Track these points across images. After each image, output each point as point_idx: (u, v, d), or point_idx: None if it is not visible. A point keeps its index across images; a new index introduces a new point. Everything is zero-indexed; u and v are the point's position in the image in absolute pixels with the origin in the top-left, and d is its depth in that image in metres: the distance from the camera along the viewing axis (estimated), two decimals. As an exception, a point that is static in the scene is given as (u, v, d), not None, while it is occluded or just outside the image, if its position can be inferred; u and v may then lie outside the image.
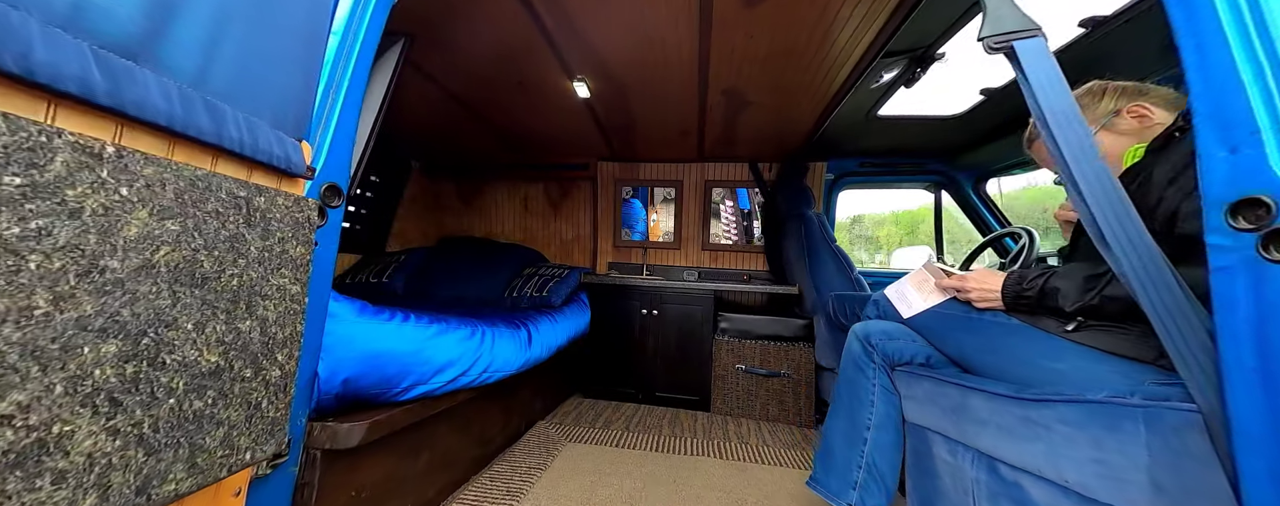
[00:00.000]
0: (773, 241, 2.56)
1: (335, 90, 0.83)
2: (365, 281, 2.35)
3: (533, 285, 2.33)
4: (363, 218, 2.64)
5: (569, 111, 2.19)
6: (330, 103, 0.83)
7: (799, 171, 2.44)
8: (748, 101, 1.96)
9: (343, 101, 0.84)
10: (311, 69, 0.74)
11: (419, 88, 1.97)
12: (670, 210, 2.96)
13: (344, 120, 0.84)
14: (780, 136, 2.34)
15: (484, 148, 2.81)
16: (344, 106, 0.84)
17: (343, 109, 0.84)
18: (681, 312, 2.29)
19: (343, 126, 0.83)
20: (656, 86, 1.90)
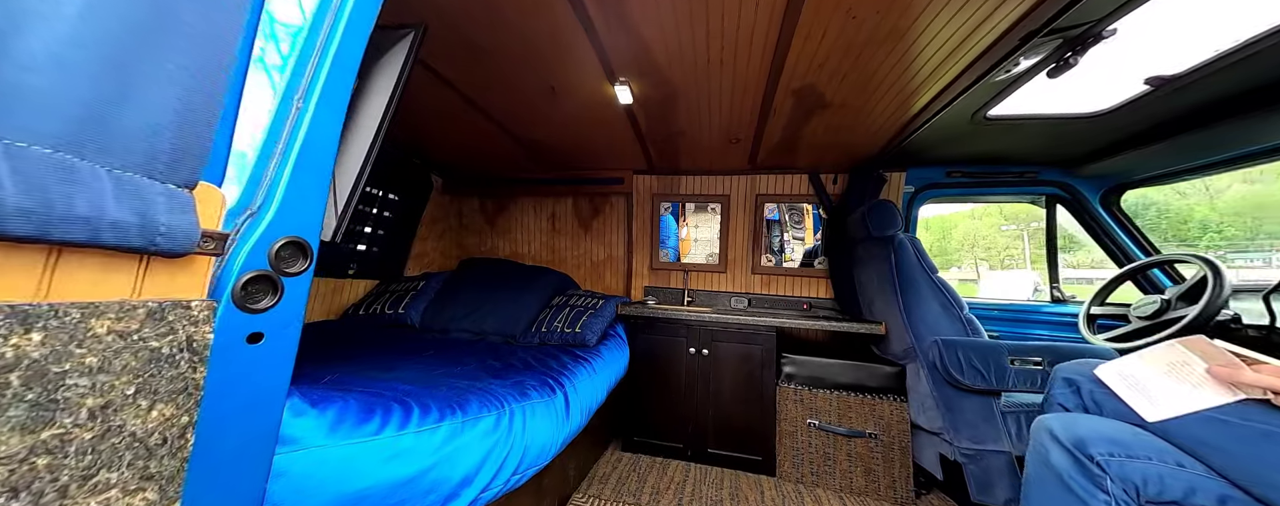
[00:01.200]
0: (840, 266, 2.18)
1: (300, 99, 0.54)
2: (379, 312, 2.12)
3: (564, 318, 2.03)
4: (380, 239, 2.43)
5: (605, 120, 1.91)
6: (292, 118, 0.54)
7: (874, 183, 2.06)
8: (824, 103, 1.62)
9: (311, 115, 0.56)
10: (212, 58, 0.44)
11: (436, 94, 1.72)
12: (710, 224, 2.62)
13: (315, 141, 0.55)
14: (851, 143, 1.98)
15: (509, 161, 2.56)
16: (315, 122, 0.56)
17: (312, 126, 0.56)
18: (737, 353, 1.94)
19: (313, 150, 0.55)
20: (713, 88, 1.59)
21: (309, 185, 0.55)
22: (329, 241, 0.72)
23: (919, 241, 1.68)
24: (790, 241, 2.53)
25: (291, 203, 0.52)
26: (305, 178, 0.54)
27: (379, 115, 0.83)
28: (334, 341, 1.66)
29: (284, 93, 0.52)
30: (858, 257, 2.01)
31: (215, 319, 0.44)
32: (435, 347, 1.70)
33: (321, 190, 0.57)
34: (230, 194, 0.48)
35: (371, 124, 0.82)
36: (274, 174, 0.51)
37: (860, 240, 1.99)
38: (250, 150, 0.50)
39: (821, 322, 1.84)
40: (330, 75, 0.56)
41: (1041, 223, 2.12)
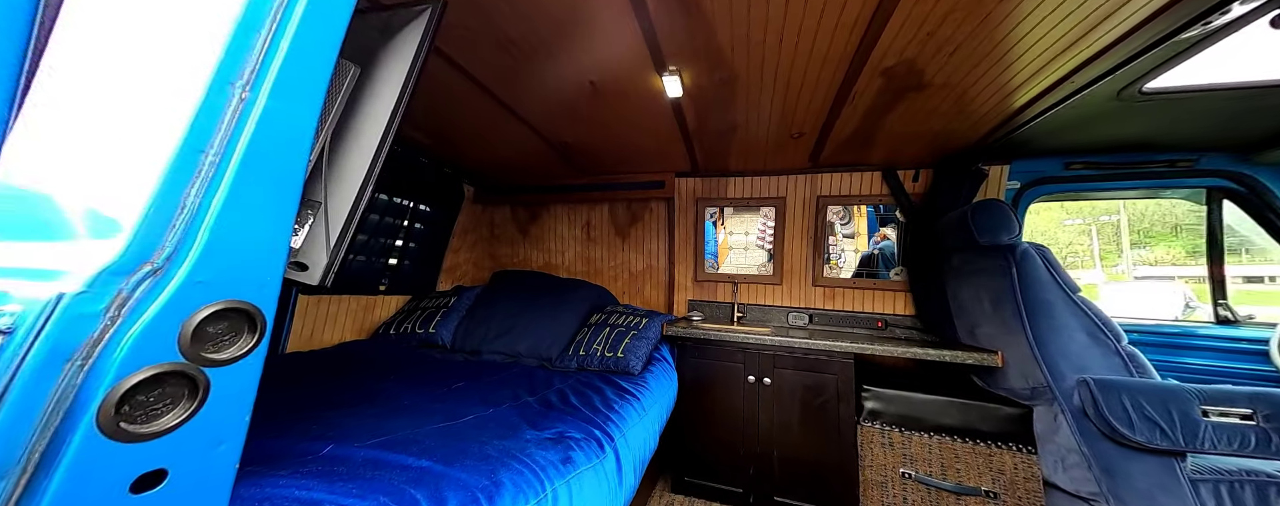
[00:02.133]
0: (925, 278, 1.85)
1: (244, 85, 0.34)
2: (410, 331, 2.00)
3: (604, 340, 1.82)
4: (411, 252, 2.32)
5: (648, 117, 1.68)
6: (230, 114, 0.34)
7: (971, 180, 1.72)
8: (921, 83, 1.32)
9: (263, 109, 0.35)
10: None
11: (463, 94, 1.56)
12: (748, 225, 2.34)
13: (271, 149, 0.35)
14: (944, 132, 1.65)
15: (541, 166, 2.40)
16: (271, 120, 0.36)
17: (266, 126, 0.36)
18: (806, 383, 1.65)
19: (267, 162, 0.35)
20: (782, 73, 1.33)
21: (261, 215, 0.35)
22: (320, 284, 0.54)
23: (1049, 252, 1.34)
24: (840, 246, 2.21)
25: (227, 246, 0.33)
26: (253, 205, 0.34)
27: (387, 113, 0.64)
28: (356, 369, 1.53)
29: (216, 74, 0.33)
30: (953, 269, 1.67)
31: (59, 458, 0.24)
32: (466, 376, 1.53)
33: (282, 221, 0.37)
34: (104, 247, 0.28)
35: (378, 125, 0.63)
36: (196, 203, 0.31)
37: (956, 249, 1.65)
38: (151, 167, 0.30)
39: (913, 349, 1.52)
40: (296, 49, 0.37)
41: (1114, 215, 1.70)
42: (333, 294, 1.90)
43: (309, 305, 1.80)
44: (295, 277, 0.53)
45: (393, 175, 2.04)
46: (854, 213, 2.17)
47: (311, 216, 0.55)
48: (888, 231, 2.32)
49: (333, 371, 1.44)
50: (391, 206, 2.08)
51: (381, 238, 2.07)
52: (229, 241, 0.33)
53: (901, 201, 2.00)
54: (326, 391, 1.22)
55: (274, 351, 1.64)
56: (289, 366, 1.46)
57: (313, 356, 1.62)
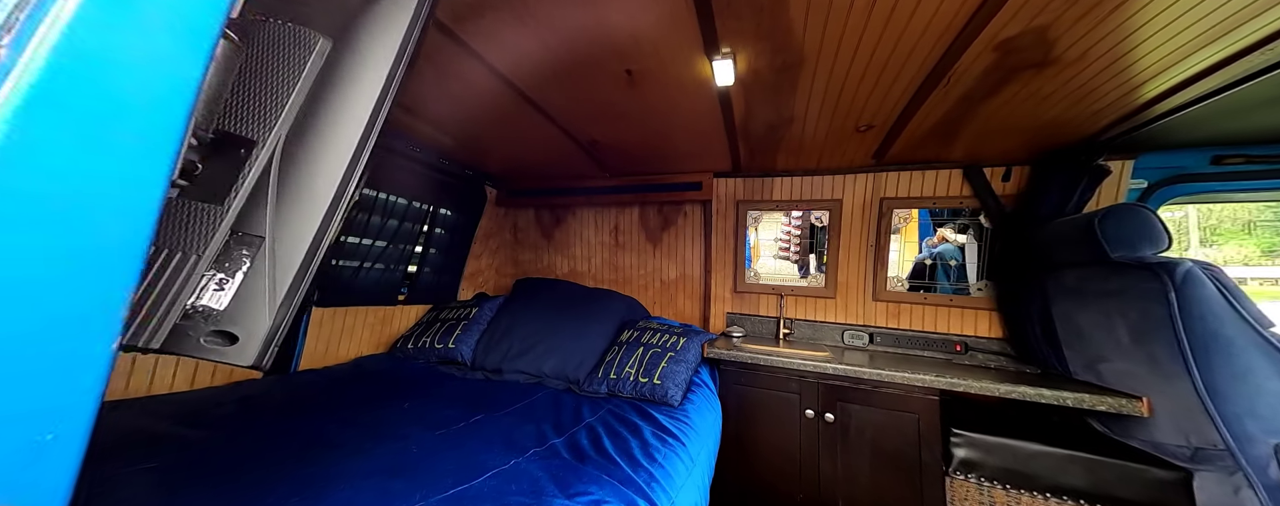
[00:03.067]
0: (1020, 296, 1.55)
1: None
2: (429, 346, 1.86)
3: (637, 362, 1.62)
4: (432, 259, 2.19)
5: (690, 110, 1.46)
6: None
7: (1089, 177, 1.41)
8: (1045, 59, 1.05)
9: (27, 66, 0.14)
10: None
11: (485, 86, 1.39)
12: (773, 224, 2.08)
13: (87, 167, 0.14)
14: (1054, 123, 1.35)
15: (567, 166, 2.21)
16: (38, 98, 0.14)
17: (36, 105, 0.14)
18: (878, 422, 1.39)
19: (48, 194, 0.13)
20: (863, 52, 1.08)
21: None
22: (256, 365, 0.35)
23: (1224, 274, 1.03)
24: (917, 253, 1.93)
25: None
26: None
27: (370, 107, 0.45)
28: (367, 394, 1.39)
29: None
30: (1067, 288, 1.37)
31: None
32: (485, 406, 1.36)
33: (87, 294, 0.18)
34: None
35: (355, 123, 0.44)
36: None
37: (1072, 263, 1.35)
38: None
39: (1022, 388, 1.23)
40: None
41: (1179, 212, 1.32)
42: (349, 305, 1.78)
43: (323, 318, 1.68)
44: (216, 358, 0.35)
45: (412, 177, 1.90)
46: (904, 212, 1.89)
47: (247, 259, 0.37)
48: (949, 233, 2.01)
49: (339, 398, 1.30)
50: (411, 211, 1.94)
51: (401, 244, 1.94)
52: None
53: (988, 204, 1.70)
54: (327, 426, 1.07)
55: (284, 371, 1.53)
56: (295, 390, 1.33)
57: (323, 377, 1.49)
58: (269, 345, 0.36)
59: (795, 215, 2.15)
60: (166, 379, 1.21)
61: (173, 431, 0.97)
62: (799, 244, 2.23)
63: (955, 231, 1.98)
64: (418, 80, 1.33)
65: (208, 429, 0.99)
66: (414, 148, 1.85)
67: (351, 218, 1.69)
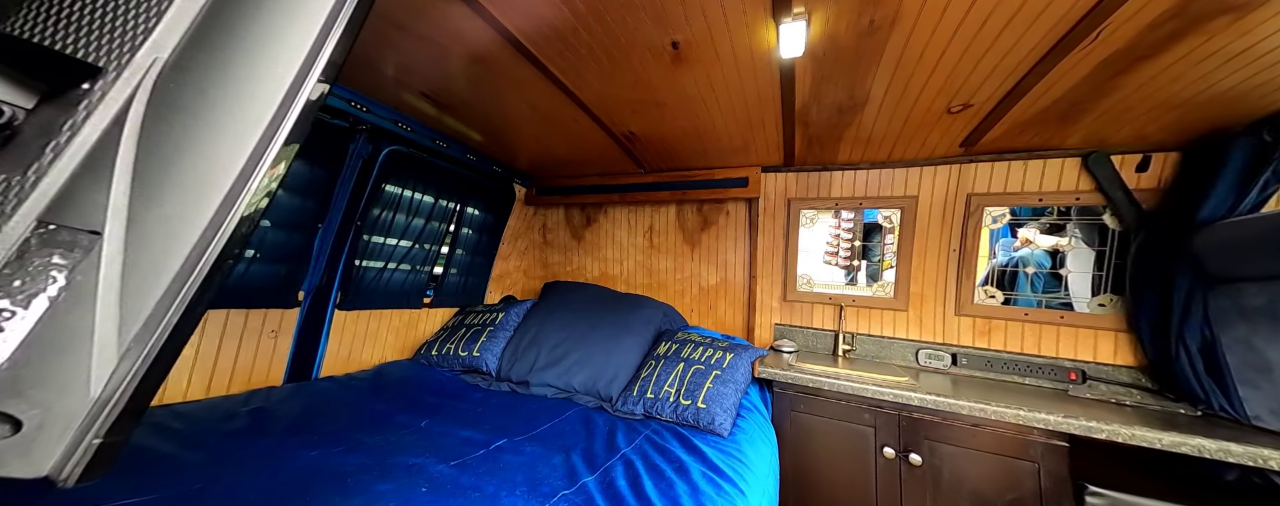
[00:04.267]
0: (1166, 315, 1.22)
1: None
2: (453, 353, 1.75)
3: (676, 380, 1.42)
4: (459, 261, 2.09)
5: (741, 92, 1.26)
6: None
7: (1274, 165, 1.08)
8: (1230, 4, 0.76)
9: None
10: None
11: (514, 74, 1.24)
12: (818, 223, 1.81)
13: None
14: (1226, 97, 1.04)
15: (600, 162, 2.06)
16: None
17: None
18: (981, 469, 1.12)
19: None
20: (984, 2, 0.84)
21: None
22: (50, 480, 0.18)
23: None
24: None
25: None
26: None
27: (306, 47, 0.28)
28: (383, 409, 1.27)
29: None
30: (1246, 310, 1.05)
31: None
32: (509, 425, 1.21)
33: None
34: None
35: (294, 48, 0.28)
36: None
37: (1258, 278, 1.03)
38: None
39: (1195, 440, 0.93)
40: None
41: None
42: (373, 308, 1.70)
43: (346, 321, 1.60)
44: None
45: (438, 173, 1.80)
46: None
47: (60, 274, 0.20)
48: (1032, 235, 1.69)
49: (354, 414, 1.18)
50: (437, 209, 1.84)
51: (427, 244, 1.85)
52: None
53: (1116, 201, 1.37)
54: (334, 450, 0.95)
55: (306, 376, 1.44)
56: (311, 401, 1.23)
57: (342, 386, 1.40)
58: (88, 436, 0.19)
59: (846, 215, 1.89)
60: (180, 386, 1.14)
61: (172, 453, 0.87)
62: (848, 248, 1.97)
63: (1043, 232, 1.66)
64: (439, 65, 1.20)
65: (208, 451, 0.89)
66: (439, 141, 1.75)
67: (376, 216, 1.60)
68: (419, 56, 1.16)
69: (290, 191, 1.30)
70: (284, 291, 1.34)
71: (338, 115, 1.36)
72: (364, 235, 1.59)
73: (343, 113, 1.36)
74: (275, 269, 1.29)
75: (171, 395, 1.12)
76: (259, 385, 1.30)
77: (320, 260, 1.45)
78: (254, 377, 1.30)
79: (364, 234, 1.58)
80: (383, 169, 1.55)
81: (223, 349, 1.22)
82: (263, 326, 1.31)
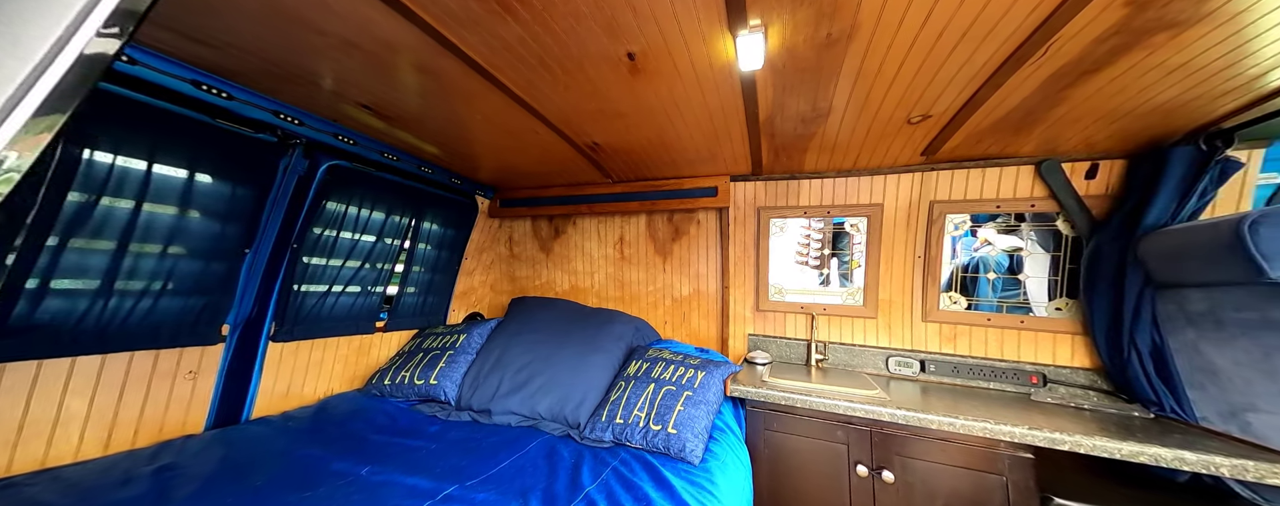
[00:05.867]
0: (1119, 319, 1.25)
1: None
2: (407, 382, 1.62)
3: (648, 402, 1.36)
4: (417, 278, 1.97)
5: (705, 103, 1.22)
6: None
7: (1217, 172, 1.12)
8: (1194, 16, 0.77)
9: None
10: None
11: (463, 86, 1.15)
12: (784, 230, 1.81)
13: None
14: (1166, 108, 1.07)
15: (566, 172, 1.98)
16: None
17: None
18: (951, 485, 1.11)
19: None
20: (938, 19, 0.83)
21: None
22: None
23: None
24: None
25: None
26: None
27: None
28: (321, 454, 1.15)
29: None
30: (1193, 315, 1.08)
31: None
32: (465, 466, 1.12)
33: None
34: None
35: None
36: None
37: (1201, 284, 1.06)
38: None
39: (1153, 449, 0.94)
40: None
41: None
42: (316, 337, 1.55)
43: (284, 354, 1.45)
44: None
45: (388, 187, 1.68)
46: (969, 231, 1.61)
47: None
48: (991, 236, 1.72)
49: (283, 464, 1.06)
50: (388, 225, 1.72)
51: (378, 263, 1.72)
52: None
53: (1069, 207, 1.41)
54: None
55: (235, 419, 1.30)
56: (233, 451, 1.10)
57: (276, 429, 1.26)
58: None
59: (816, 219, 1.89)
60: (69, 444, 0.99)
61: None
62: (819, 249, 1.96)
63: (1000, 232, 1.70)
64: (378, 75, 1.10)
65: (91, 526, 0.76)
66: (389, 154, 1.63)
67: (317, 236, 1.47)
68: (352, 66, 1.06)
69: (207, 215, 1.16)
70: (203, 326, 1.20)
71: (263, 128, 1.23)
72: (303, 258, 1.45)
73: (268, 126, 1.23)
74: (190, 302, 1.15)
75: (58, 455, 0.97)
76: (174, 435, 1.15)
77: (249, 289, 1.31)
78: (167, 427, 1.15)
79: (303, 256, 1.45)
80: (323, 185, 1.42)
81: (126, 398, 1.07)
82: (177, 367, 1.16)
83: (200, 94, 1.08)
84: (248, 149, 1.21)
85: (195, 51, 1.02)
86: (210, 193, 1.15)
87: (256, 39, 0.96)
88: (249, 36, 0.95)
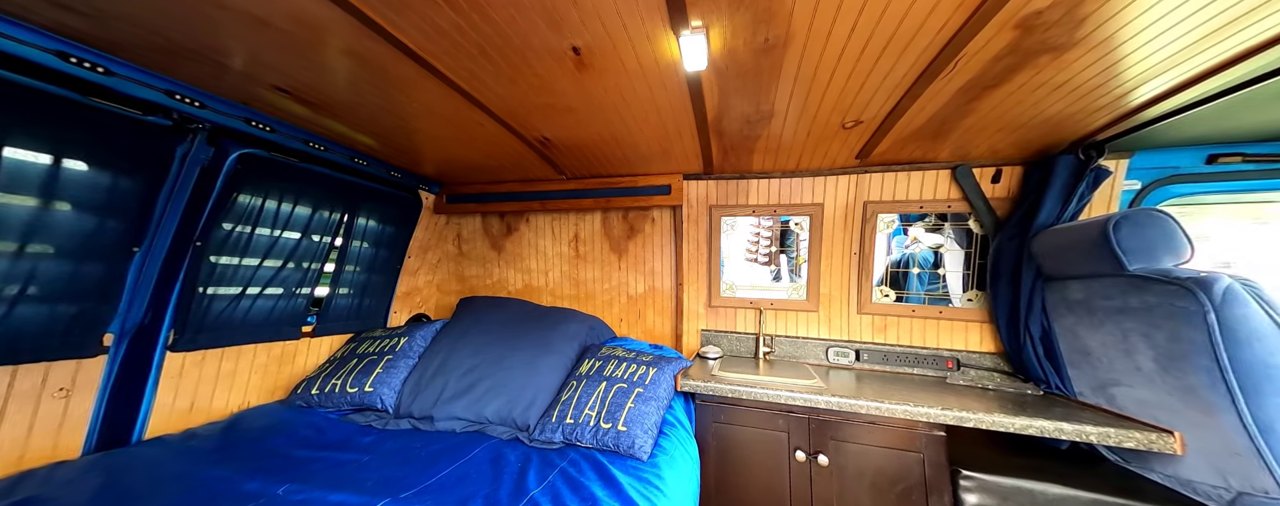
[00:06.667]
0: (1018, 308, 1.41)
1: None
2: (340, 390, 1.50)
3: (598, 401, 1.35)
4: (351, 279, 1.82)
5: (654, 101, 1.23)
6: None
7: (1090, 179, 1.29)
8: (1069, 42, 0.88)
9: None
10: None
11: (397, 73, 1.08)
12: (734, 230, 1.90)
13: None
14: (1055, 120, 1.22)
15: (517, 168, 1.92)
16: None
17: None
18: (878, 464, 1.20)
19: None
20: (862, 31, 0.88)
21: None
22: None
23: (1263, 290, 0.91)
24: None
25: None
26: None
27: None
28: (219, 481, 1.03)
29: None
30: (1073, 302, 1.24)
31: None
32: (399, 478, 1.05)
33: None
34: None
35: None
36: None
37: (1079, 276, 1.22)
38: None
39: (1038, 422, 1.08)
40: None
41: None
42: (227, 345, 1.40)
43: (186, 365, 1.29)
44: None
45: (317, 180, 1.54)
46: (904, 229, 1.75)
47: None
48: (920, 233, 1.89)
49: (182, 485, 0.94)
50: (316, 221, 1.57)
51: (303, 262, 1.57)
52: None
53: (979, 208, 1.57)
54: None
55: (124, 441, 1.13)
56: (116, 478, 0.96)
57: (177, 448, 1.12)
58: None
59: (766, 221, 1.97)
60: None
61: None
62: (768, 246, 2.05)
63: (927, 230, 1.87)
64: (295, 56, 1.00)
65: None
66: (316, 144, 1.49)
67: (227, 233, 1.32)
68: (264, 45, 0.96)
69: (81, 208, 1.00)
70: (77, 337, 1.03)
71: (154, 110, 1.08)
72: (210, 257, 1.30)
73: (160, 107, 1.08)
74: (58, 309, 0.99)
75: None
76: (40, 462, 0.98)
77: (141, 293, 1.15)
78: (31, 454, 0.98)
79: (209, 255, 1.29)
80: (233, 176, 1.27)
81: (-30, 424, 0.90)
82: (43, 385, 1.00)
83: (68, 67, 0.93)
84: (133, 133, 1.05)
85: (59, 18, 0.87)
86: (83, 182, 0.99)
87: (139, 8, 0.84)
88: (128, 4, 0.83)
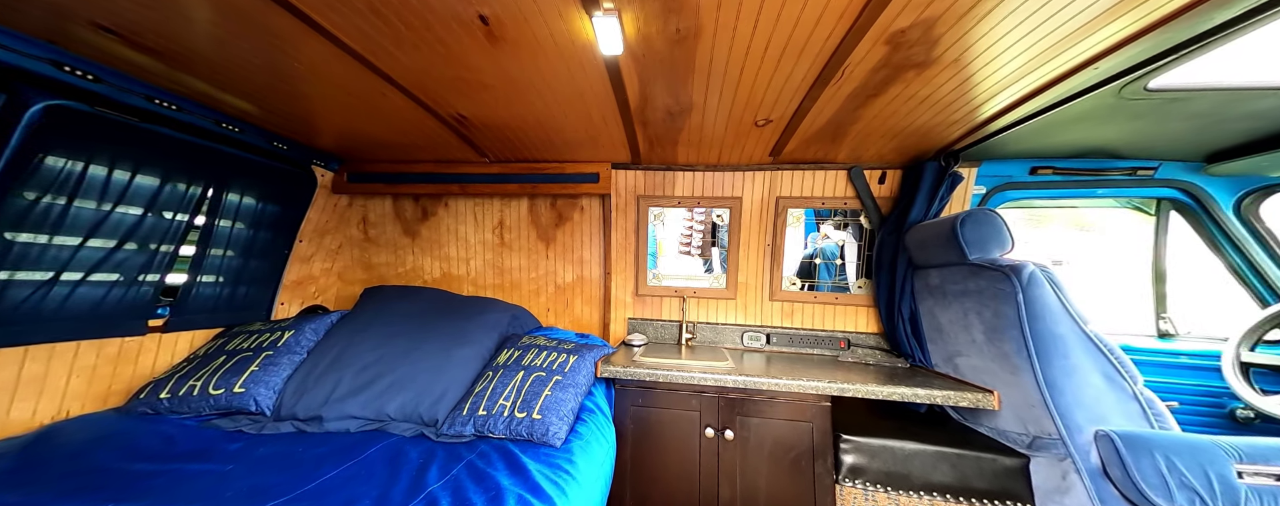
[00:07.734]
0: (894, 293, 1.63)
1: None
2: (201, 391, 1.28)
3: (514, 392, 1.31)
4: (222, 265, 1.56)
5: (575, 83, 1.21)
6: None
7: (948, 183, 1.52)
8: (928, 59, 1.02)
9: None
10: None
11: (271, 25, 0.93)
12: (671, 220, 2.00)
13: None
14: (923, 130, 1.42)
15: (432, 147, 1.78)
16: None
17: None
18: (775, 435, 1.32)
19: None
20: (762, 32, 0.95)
21: None
22: None
23: (1055, 275, 1.14)
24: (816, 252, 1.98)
25: None
26: None
27: None
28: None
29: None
30: (931, 287, 1.46)
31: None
32: (271, 487, 0.93)
33: None
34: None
35: None
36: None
37: (936, 264, 1.43)
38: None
39: (900, 389, 1.26)
40: None
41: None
42: (33, 343, 1.12)
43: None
44: None
45: (169, 146, 1.29)
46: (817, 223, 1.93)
47: None
48: (830, 230, 2.11)
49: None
50: (166, 195, 1.32)
51: (148, 243, 1.31)
52: None
53: (867, 206, 1.77)
54: None
55: None
56: None
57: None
58: None
59: (698, 210, 2.05)
60: None
61: None
62: (702, 239, 2.14)
63: (835, 228, 2.08)
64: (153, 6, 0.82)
65: None
66: (165, 101, 1.25)
67: (30, 204, 1.05)
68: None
69: None
70: None
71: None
72: (3, 234, 1.03)
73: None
74: None
75: None
76: None
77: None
78: None
79: (3, 232, 1.02)
80: (34, 132, 1.02)
81: None
82: None
83: None
84: None
85: None
86: None
87: None
88: None
